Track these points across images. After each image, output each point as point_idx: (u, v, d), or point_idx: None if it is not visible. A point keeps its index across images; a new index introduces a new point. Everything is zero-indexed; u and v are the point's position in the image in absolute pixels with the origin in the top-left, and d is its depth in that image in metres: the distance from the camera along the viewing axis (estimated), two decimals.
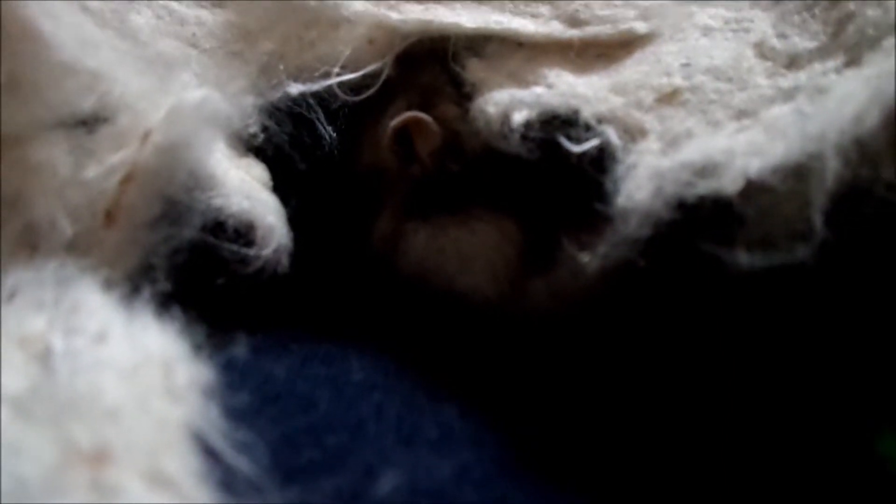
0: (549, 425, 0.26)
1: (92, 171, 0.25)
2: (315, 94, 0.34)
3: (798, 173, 0.22)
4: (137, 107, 0.26)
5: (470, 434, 0.24)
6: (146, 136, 0.24)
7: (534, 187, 0.30)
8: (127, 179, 0.25)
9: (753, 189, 0.23)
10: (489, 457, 0.23)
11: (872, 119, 0.22)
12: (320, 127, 0.34)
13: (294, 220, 0.32)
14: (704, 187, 0.25)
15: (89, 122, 0.26)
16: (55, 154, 0.25)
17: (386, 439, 0.22)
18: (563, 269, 0.29)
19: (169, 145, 0.25)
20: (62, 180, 0.25)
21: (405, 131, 0.32)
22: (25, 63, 0.24)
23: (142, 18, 0.34)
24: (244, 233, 0.30)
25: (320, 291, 0.32)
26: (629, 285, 0.26)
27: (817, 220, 0.21)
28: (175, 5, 0.35)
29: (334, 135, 0.34)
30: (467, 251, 0.31)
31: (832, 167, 0.21)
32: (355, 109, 0.34)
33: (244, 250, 0.29)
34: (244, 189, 0.30)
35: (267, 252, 0.30)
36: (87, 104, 0.25)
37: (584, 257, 0.27)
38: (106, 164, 0.25)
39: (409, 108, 0.33)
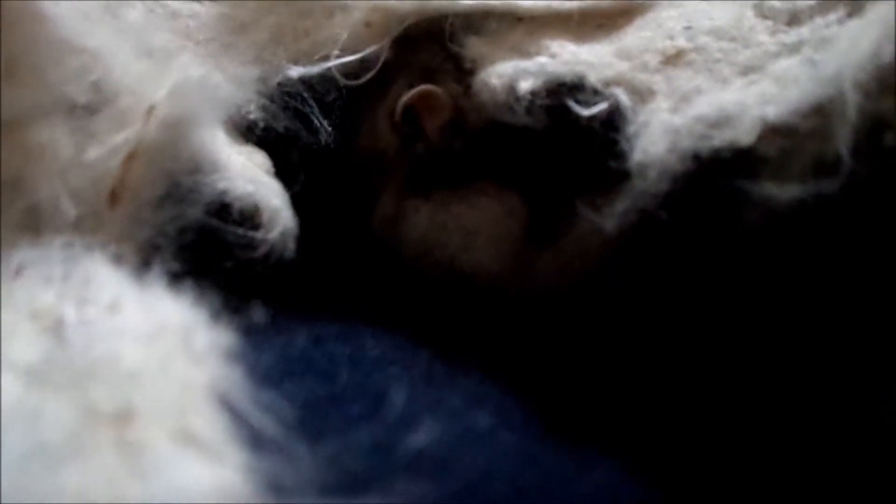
0: (571, 392, 0.25)
1: (94, 153, 0.24)
2: (310, 88, 0.34)
3: (819, 112, 0.22)
4: (138, 87, 0.25)
5: (494, 402, 0.23)
6: (150, 111, 0.24)
7: (542, 157, 0.30)
8: (131, 158, 0.24)
9: (774, 131, 0.23)
10: (515, 422, 0.23)
11: (889, 52, 0.22)
12: (315, 120, 0.34)
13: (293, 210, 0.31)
14: (720, 139, 0.25)
15: (89, 104, 0.25)
16: (56, 136, 0.24)
17: (410, 407, 0.21)
18: (569, 241, 0.29)
19: (174, 120, 0.24)
20: (64, 162, 0.24)
21: (411, 109, 0.32)
22: (25, 43, 0.23)
23: (135, 13, 0.33)
24: (249, 216, 0.29)
25: (323, 277, 0.31)
26: (648, 243, 0.26)
27: (844, 152, 0.20)
28: (168, 1, 0.35)
29: (330, 128, 0.34)
30: (470, 226, 0.30)
31: (853, 101, 0.21)
32: (351, 98, 0.34)
33: (250, 233, 0.28)
34: (247, 173, 0.30)
35: (273, 235, 0.29)
36: (87, 84, 0.24)
37: (602, 218, 0.26)
38: (108, 144, 0.25)
39: (410, 89, 0.33)
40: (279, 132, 0.33)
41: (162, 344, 0.18)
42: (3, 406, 0.16)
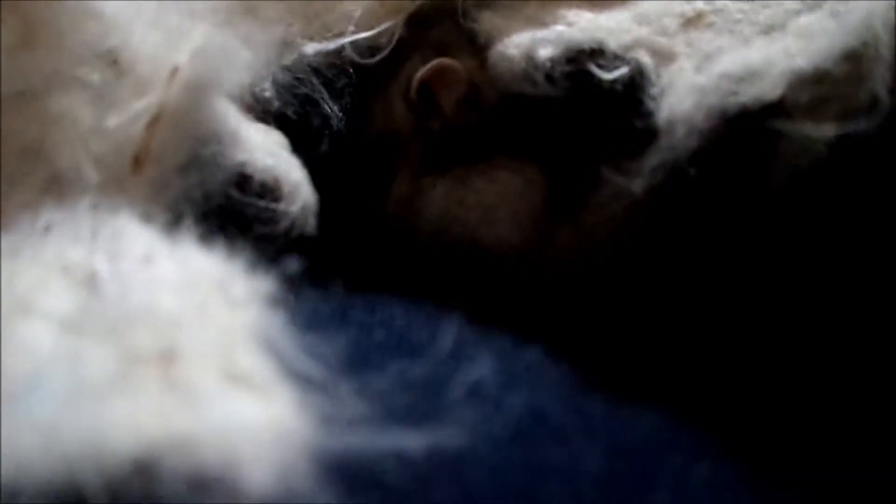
0: (606, 352, 0.25)
1: (115, 119, 0.24)
2: (319, 74, 0.34)
3: (850, 57, 0.22)
4: (158, 53, 0.25)
5: (531, 360, 0.23)
6: (174, 73, 0.24)
7: (562, 126, 0.29)
8: (154, 122, 0.24)
9: (806, 80, 0.23)
10: (555, 379, 0.22)
11: None
12: (326, 106, 0.34)
13: None
14: (747, 94, 0.25)
15: (109, 70, 0.25)
16: (75, 103, 0.24)
17: (450, 361, 0.20)
18: (592, 210, 0.29)
19: (197, 83, 0.24)
20: (84, 130, 0.24)
21: (426, 85, 0.31)
22: (45, 7, 0.23)
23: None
24: (270, 189, 0.29)
25: (339, 260, 0.31)
26: (676, 201, 0.26)
27: (882, 92, 0.20)
28: None
29: (341, 114, 0.34)
30: (489, 200, 0.30)
31: (887, 42, 0.21)
32: (362, 81, 0.34)
33: (272, 206, 0.28)
34: (267, 146, 0.29)
35: (294, 209, 0.29)
36: (106, 50, 0.24)
37: (629, 180, 0.26)
38: (129, 111, 0.24)
39: (424, 65, 0.33)
40: (290, 118, 0.33)
41: (200, 291, 0.18)
42: (41, 352, 0.16)
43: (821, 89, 0.23)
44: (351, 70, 0.34)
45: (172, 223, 0.22)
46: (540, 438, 0.17)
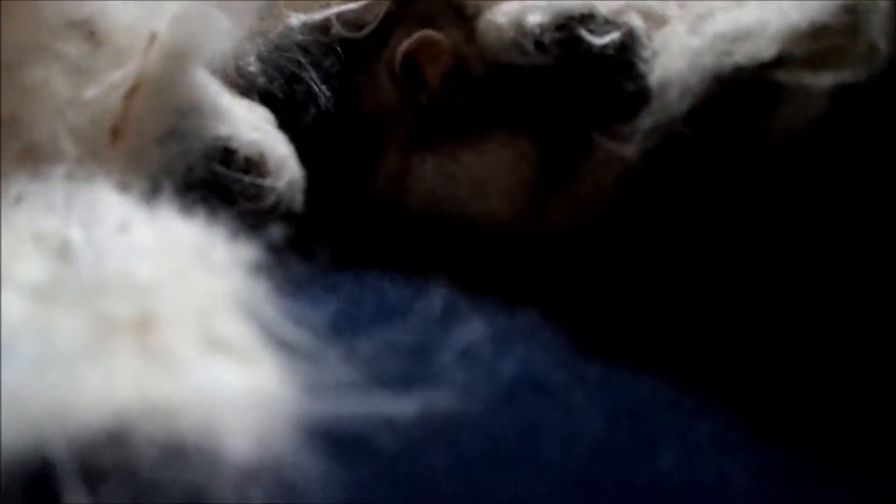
0: (606, 318, 0.24)
1: (92, 91, 0.23)
2: (306, 50, 0.33)
3: (846, 9, 0.22)
4: (135, 23, 0.24)
5: (525, 324, 0.22)
6: (152, 39, 0.23)
7: (552, 94, 0.29)
8: (132, 92, 0.23)
9: (803, 35, 0.22)
10: (551, 340, 0.21)
11: None
12: (312, 83, 0.33)
13: None
14: (741, 54, 0.24)
15: (86, 41, 0.24)
16: (52, 74, 0.23)
17: (440, 325, 0.20)
18: (584, 179, 0.28)
19: (177, 50, 0.23)
20: (61, 101, 0.23)
21: (411, 58, 0.31)
22: None
23: None
24: (255, 164, 0.28)
25: (326, 241, 0.30)
26: (671, 164, 0.25)
27: (881, 41, 0.20)
28: None
29: (329, 94, 0.33)
30: (480, 174, 0.30)
31: None
32: (349, 58, 0.33)
33: (258, 181, 0.27)
34: (252, 121, 0.29)
35: (281, 185, 0.28)
36: (82, 20, 0.23)
37: (622, 145, 0.26)
38: (106, 81, 0.23)
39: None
40: (275, 94, 0.32)
41: (178, 258, 0.17)
42: (11, 321, 0.15)
43: (818, 43, 0.22)
44: (338, 47, 0.33)
45: (151, 193, 0.21)
46: (536, 401, 0.17)
